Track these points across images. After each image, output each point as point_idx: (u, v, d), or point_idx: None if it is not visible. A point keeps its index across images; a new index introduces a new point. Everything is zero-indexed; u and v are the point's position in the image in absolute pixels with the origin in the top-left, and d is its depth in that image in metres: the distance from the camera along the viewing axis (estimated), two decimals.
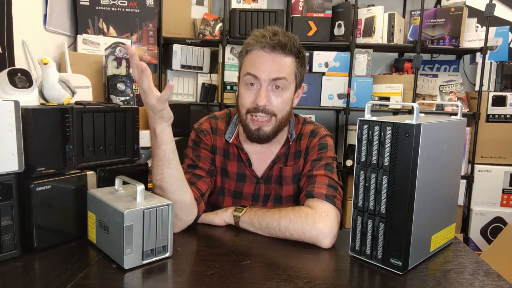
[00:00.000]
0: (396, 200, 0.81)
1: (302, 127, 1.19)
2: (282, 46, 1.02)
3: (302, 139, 1.17)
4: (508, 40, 2.61)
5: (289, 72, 1.05)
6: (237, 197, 1.17)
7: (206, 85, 2.57)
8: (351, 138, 2.56)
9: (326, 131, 1.19)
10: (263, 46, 1.02)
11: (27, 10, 1.75)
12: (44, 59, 0.97)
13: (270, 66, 1.02)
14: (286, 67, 1.04)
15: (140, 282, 0.79)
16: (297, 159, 1.16)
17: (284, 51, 1.03)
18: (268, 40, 1.01)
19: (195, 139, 1.18)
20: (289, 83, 1.05)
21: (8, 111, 0.81)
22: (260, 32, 1.05)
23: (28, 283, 0.75)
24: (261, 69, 1.02)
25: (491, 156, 2.53)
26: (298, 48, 1.06)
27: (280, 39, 1.02)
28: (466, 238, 2.54)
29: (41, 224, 0.88)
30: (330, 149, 1.15)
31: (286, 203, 1.15)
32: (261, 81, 1.03)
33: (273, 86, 1.04)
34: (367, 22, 2.51)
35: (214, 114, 1.23)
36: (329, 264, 0.91)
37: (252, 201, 1.17)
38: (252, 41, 1.05)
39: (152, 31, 2.30)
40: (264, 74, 1.02)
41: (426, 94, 2.70)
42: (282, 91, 1.05)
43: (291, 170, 1.15)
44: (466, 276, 0.83)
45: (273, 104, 1.05)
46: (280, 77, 1.03)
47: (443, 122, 0.87)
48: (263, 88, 1.03)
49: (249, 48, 1.06)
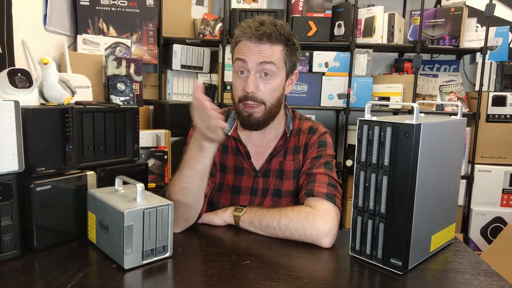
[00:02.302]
0: (396, 200, 0.81)
1: (300, 123, 1.20)
2: (267, 36, 1.03)
3: (301, 135, 1.18)
4: (508, 40, 2.61)
5: (277, 59, 1.06)
6: (235, 192, 1.17)
7: (206, 85, 2.57)
8: (351, 138, 2.56)
9: (324, 128, 1.20)
10: (249, 37, 1.05)
11: (27, 10, 1.75)
12: (44, 59, 0.97)
13: (257, 53, 1.04)
14: (274, 54, 1.05)
15: (140, 282, 0.79)
16: (296, 154, 1.16)
17: (270, 40, 1.04)
18: (253, 30, 1.03)
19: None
20: (277, 68, 1.06)
21: (8, 111, 0.81)
22: (247, 23, 1.06)
23: (28, 283, 0.75)
24: (248, 55, 1.05)
25: (491, 156, 2.53)
26: (287, 36, 1.07)
27: (265, 29, 1.03)
28: (466, 238, 2.54)
29: (41, 224, 0.88)
30: (330, 146, 1.15)
31: (284, 198, 1.15)
32: (249, 67, 1.05)
33: (261, 73, 1.05)
34: (367, 22, 2.51)
35: None
36: (329, 264, 0.91)
37: (251, 195, 1.17)
38: (239, 32, 1.07)
39: (152, 31, 2.30)
40: (251, 59, 1.04)
41: (426, 94, 2.70)
42: (270, 78, 1.06)
43: (292, 164, 1.15)
44: (466, 276, 0.83)
45: (262, 91, 1.06)
46: (267, 61, 1.04)
47: (443, 122, 0.87)
48: (251, 75, 1.05)
49: (237, 39, 1.08)
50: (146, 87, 2.51)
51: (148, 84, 2.54)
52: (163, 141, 1.90)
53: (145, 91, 2.45)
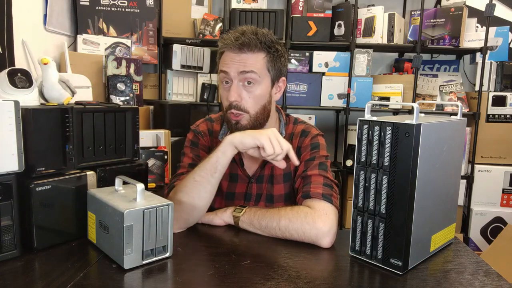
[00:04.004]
0: (396, 200, 0.81)
1: (294, 127, 1.20)
2: (247, 45, 1.04)
3: (293, 139, 1.18)
4: (508, 40, 2.61)
5: (259, 67, 1.06)
6: (229, 198, 1.18)
7: (206, 85, 2.57)
8: (351, 138, 2.56)
9: (317, 131, 1.20)
10: (230, 47, 1.06)
11: (27, 10, 1.75)
12: (44, 59, 0.97)
13: (237, 63, 1.05)
14: (256, 63, 1.06)
15: (140, 282, 0.79)
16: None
17: (251, 49, 1.05)
18: (232, 41, 1.05)
19: (193, 140, 1.20)
20: (260, 77, 1.06)
21: (8, 111, 0.81)
22: (229, 34, 1.08)
23: (28, 283, 0.75)
24: (229, 65, 1.06)
25: (491, 156, 2.53)
26: (269, 43, 1.07)
27: (244, 39, 1.04)
28: (466, 238, 2.54)
29: (41, 224, 0.88)
30: (323, 148, 1.15)
31: (277, 203, 1.16)
32: (231, 77, 1.06)
33: (244, 82, 1.06)
34: (367, 22, 2.51)
35: (209, 117, 1.26)
36: (329, 264, 0.91)
37: (245, 201, 1.18)
38: (221, 43, 1.09)
39: (152, 31, 2.30)
40: (232, 68, 1.05)
41: (426, 94, 2.70)
42: (253, 86, 1.07)
43: (281, 168, 1.15)
44: (466, 276, 0.83)
45: (245, 100, 1.07)
46: (247, 70, 1.05)
47: (443, 122, 0.87)
48: (233, 84, 1.06)
49: (220, 50, 1.10)
50: (146, 87, 2.51)
51: (148, 84, 2.54)
52: (163, 141, 1.90)
53: (145, 91, 2.45)
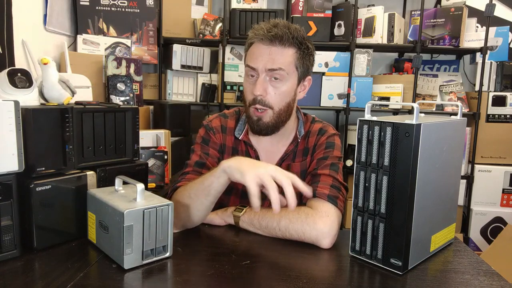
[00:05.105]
0: (396, 200, 0.81)
1: (311, 125, 1.20)
2: (279, 38, 1.03)
3: (310, 137, 1.17)
4: (508, 40, 2.61)
5: (287, 63, 1.05)
6: (244, 197, 1.17)
7: (206, 85, 2.57)
8: (351, 138, 2.56)
9: (334, 130, 1.19)
10: (261, 39, 1.04)
11: (27, 10, 1.75)
12: (44, 59, 0.97)
13: (266, 58, 1.04)
14: (284, 58, 1.05)
15: (140, 282, 0.79)
16: (304, 156, 1.16)
17: (282, 43, 1.04)
18: (265, 32, 1.03)
19: (204, 136, 1.18)
20: (288, 74, 1.06)
21: (8, 111, 0.81)
22: (260, 25, 1.06)
23: (28, 283, 0.75)
24: (258, 60, 1.04)
25: (491, 156, 2.53)
26: (300, 40, 1.06)
27: (277, 31, 1.03)
28: (466, 238, 2.54)
29: (41, 224, 0.88)
30: (337, 148, 1.14)
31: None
32: (258, 72, 1.05)
33: (271, 77, 1.05)
34: (367, 22, 2.51)
35: (223, 113, 1.24)
36: (329, 264, 0.91)
37: (262, 200, 1.16)
38: (252, 34, 1.07)
39: (152, 31, 2.30)
40: (260, 64, 1.04)
41: (426, 94, 2.70)
42: (280, 82, 1.06)
43: (298, 166, 1.15)
44: (466, 276, 0.83)
45: (270, 95, 1.06)
46: (275, 68, 1.04)
47: (443, 122, 0.87)
48: (260, 78, 1.05)
49: (250, 41, 1.08)
50: (146, 87, 2.51)
51: (148, 84, 2.54)
52: (163, 141, 1.90)
53: (145, 91, 2.45)
